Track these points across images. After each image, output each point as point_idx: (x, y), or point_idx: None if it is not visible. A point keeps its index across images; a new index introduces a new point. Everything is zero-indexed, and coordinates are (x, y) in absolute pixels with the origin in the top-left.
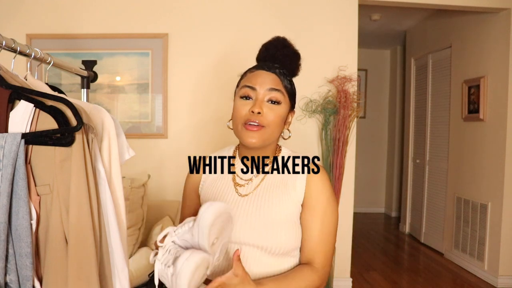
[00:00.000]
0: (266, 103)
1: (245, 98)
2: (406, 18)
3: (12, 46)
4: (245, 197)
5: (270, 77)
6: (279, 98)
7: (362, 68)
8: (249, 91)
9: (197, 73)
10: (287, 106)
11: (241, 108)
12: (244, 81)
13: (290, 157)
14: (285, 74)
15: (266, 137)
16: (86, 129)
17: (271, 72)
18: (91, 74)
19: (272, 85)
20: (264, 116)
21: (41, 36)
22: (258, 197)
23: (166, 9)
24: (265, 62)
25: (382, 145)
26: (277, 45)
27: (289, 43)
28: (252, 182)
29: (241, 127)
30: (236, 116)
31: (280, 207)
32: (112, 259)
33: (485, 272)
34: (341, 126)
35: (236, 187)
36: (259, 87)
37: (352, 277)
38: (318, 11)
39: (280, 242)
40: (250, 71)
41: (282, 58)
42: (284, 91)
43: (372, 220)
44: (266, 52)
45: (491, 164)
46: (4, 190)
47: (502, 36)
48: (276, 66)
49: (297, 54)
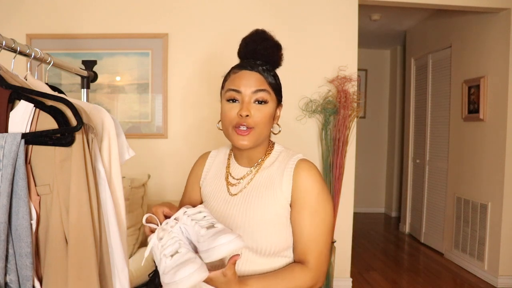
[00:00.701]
0: (253, 104)
1: (232, 101)
2: (406, 18)
3: (12, 46)
4: (234, 196)
5: (254, 77)
6: (265, 97)
7: (362, 68)
8: (234, 94)
9: (197, 73)
10: (274, 103)
11: (229, 112)
12: (229, 84)
13: (280, 155)
14: (268, 70)
15: (256, 138)
16: (86, 129)
17: (254, 71)
18: (91, 74)
19: (256, 86)
20: (252, 117)
21: (41, 36)
22: (246, 196)
23: (166, 9)
24: (248, 61)
25: (382, 145)
26: (256, 39)
27: (268, 35)
28: (243, 181)
29: (231, 130)
30: (225, 119)
31: (266, 207)
32: (112, 259)
33: (485, 272)
34: (341, 126)
35: (228, 186)
36: (244, 89)
37: (352, 277)
38: (318, 11)
39: (268, 243)
40: (233, 71)
41: (263, 52)
42: (269, 89)
43: (372, 220)
44: (246, 48)
45: (491, 164)
46: (4, 190)
47: (502, 36)
48: (259, 63)
49: (277, 45)
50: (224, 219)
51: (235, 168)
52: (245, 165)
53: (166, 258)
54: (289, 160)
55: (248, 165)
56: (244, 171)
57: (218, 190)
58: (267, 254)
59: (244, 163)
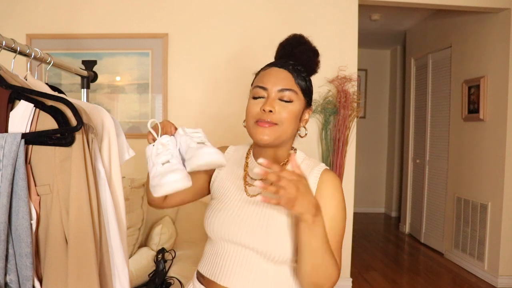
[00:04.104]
0: (278, 101)
1: (257, 98)
2: (406, 18)
3: (12, 46)
4: (253, 197)
5: (282, 75)
6: (291, 97)
7: (362, 68)
8: (260, 91)
9: (197, 73)
10: (301, 103)
11: (252, 107)
12: (257, 81)
13: (304, 161)
14: (299, 70)
15: (278, 134)
16: (86, 129)
17: (283, 68)
18: (91, 74)
19: (283, 85)
20: (276, 114)
21: (41, 36)
22: None
23: (166, 9)
24: (280, 60)
25: (382, 145)
26: (292, 42)
27: (305, 40)
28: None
29: (253, 124)
30: (248, 115)
31: (287, 213)
32: (112, 259)
33: (485, 272)
34: (341, 126)
35: (246, 186)
36: (271, 87)
37: (352, 277)
38: (318, 11)
39: (282, 249)
40: (264, 69)
41: (299, 56)
42: (297, 89)
43: (372, 220)
44: (283, 51)
45: (491, 164)
46: (4, 190)
47: (502, 36)
48: (291, 62)
49: (315, 50)
50: (239, 220)
51: (253, 168)
52: None
53: (158, 166)
54: (313, 168)
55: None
56: None
57: (233, 189)
58: (278, 261)
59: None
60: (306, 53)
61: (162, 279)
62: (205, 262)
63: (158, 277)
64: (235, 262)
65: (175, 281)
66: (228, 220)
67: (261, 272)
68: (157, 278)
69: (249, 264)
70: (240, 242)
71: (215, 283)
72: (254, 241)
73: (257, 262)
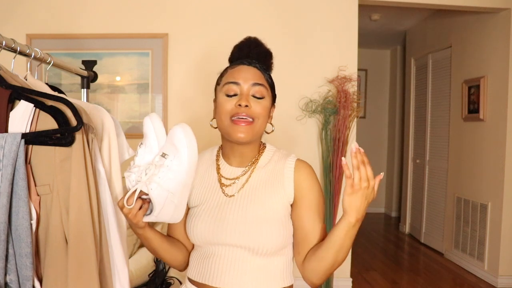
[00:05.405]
0: (251, 97)
1: (230, 96)
2: (406, 18)
3: (12, 46)
4: (231, 197)
5: (252, 71)
6: (263, 92)
7: (362, 68)
8: (233, 86)
9: (197, 73)
10: (270, 100)
11: (226, 104)
12: (227, 78)
13: (274, 154)
14: (264, 68)
15: (256, 131)
16: (86, 129)
17: (252, 66)
18: (91, 74)
19: (255, 80)
20: (251, 109)
21: (41, 36)
22: (245, 197)
23: (166, 9)
24: (244, 59)
25: (382, 145)
26: (249, 44)
27: (261, 42)
28: (238, 181)
29: (228, 122)
30: (222, 112)
31: (267, 206)
32: (112, 258)
33: (485, 272)
34: (341, 126)
35: (223, 188)
36: (243, 82)
37: (352, 277)
38: (318, 11)
39: (269, 242)
40: (231, 67)
41: (256, 57)
42: (266, 85)
43: (372, 220)
44: (240, 52)
45: (491, 164)
46: (4, 190)
47: (502, 36)
48: (255, 61)
49: (269, 52)
50: (221, 221)
51: (225, 168)
52: (236, 165)
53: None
54: (286, 160)
55: (239, 165)
56: (237, 171)
57: (210, 193)
58: (266, 254)
59: (236, 163)
60: (262, 54)
61: (162, 279)
62: (194, 268)
63: (158, 277)
64: (225, 262)
65: (175, 281)
66: (210, 223)
67: (252, 267)
68: (157, 278)
69: (238, 261)
70: (226, 242)
71: (208, 286)
72: (239, 238)
73: (246, 258)
